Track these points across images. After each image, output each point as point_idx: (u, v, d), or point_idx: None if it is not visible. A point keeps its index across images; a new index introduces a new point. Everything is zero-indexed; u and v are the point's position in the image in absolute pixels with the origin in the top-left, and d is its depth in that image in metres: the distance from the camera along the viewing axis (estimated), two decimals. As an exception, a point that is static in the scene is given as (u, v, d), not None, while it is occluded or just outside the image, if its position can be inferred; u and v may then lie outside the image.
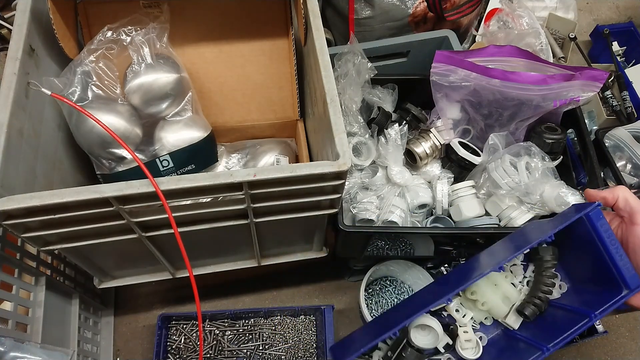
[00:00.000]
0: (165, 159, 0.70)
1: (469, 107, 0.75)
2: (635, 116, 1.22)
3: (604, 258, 0.53)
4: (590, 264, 0.56)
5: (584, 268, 0.58)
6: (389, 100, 0.78)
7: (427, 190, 0.76)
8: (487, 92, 0.71)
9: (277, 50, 0.78)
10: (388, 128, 0.74)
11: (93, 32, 0.69)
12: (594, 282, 0.57)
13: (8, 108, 0.52)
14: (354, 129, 0.75)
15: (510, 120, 0.74)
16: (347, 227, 0.67)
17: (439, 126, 0.79)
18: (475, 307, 0.60)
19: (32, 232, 0.53)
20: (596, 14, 1.60)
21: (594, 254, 0.54)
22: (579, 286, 0.59)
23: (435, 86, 0.74)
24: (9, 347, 0.62)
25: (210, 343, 0.93)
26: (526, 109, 0.71)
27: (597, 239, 0.53)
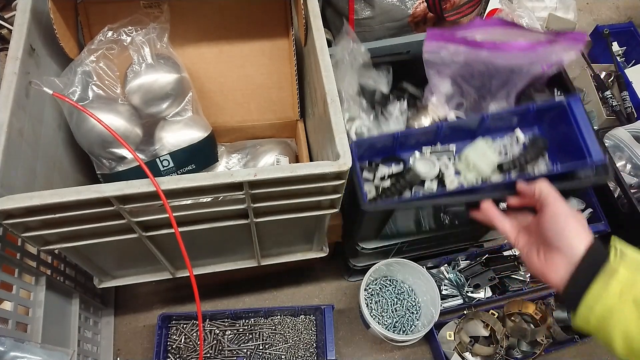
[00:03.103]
0: (165, 159, 0.70)
1: (461, 81, 0.77)
2: (635, 116, 1.23)
3: (577, 136, 0.67)
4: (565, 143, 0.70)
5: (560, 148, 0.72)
6: (384, 81, 0.79)
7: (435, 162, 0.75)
8: (477, 64, 0.74)
9: (277, 51, 0.78)
10: (387, 107, 0.76)
11: (93, 32, 0.69)
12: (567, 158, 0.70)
13: (8, 108, 0.52)
14: (354, 113, 0.76)
15: (501, 88, 0.76)
16: (370, 207, 0.65)
17: (433, 102, 0.79)
18: (467, 170, 0.72)
19: (32, 232, 0.53)
20: (596, 14, 1.60)
21: (570, 134, 0.68)
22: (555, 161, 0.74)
23: (428, 64, 0.75)
24: (9, 347, 0.62)
25: (210, 343, 0.93)
26: (516, 76, 0.74)
27: (574, 121, 0.68)
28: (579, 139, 0.67)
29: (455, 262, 1.03)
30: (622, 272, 0.45)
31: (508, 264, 1.02)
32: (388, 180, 0.71)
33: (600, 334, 0.48)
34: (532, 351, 0.96)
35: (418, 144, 0.74)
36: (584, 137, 0.66)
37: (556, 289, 0.52)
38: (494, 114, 0.71)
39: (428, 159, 0.72)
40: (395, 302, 0.99)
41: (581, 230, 0.51)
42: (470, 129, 0.74)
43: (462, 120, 0.73)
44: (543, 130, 0.75)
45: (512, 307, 0.97)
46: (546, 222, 0.53)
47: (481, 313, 0.96)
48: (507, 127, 0.75)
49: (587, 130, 0.66)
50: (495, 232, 0.99)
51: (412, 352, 1.01)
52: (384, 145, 0.73)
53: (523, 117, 0.73)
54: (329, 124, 0.57)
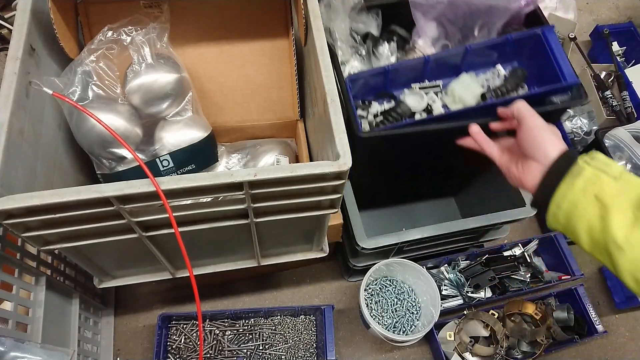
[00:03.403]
0: (165, 159, 0.70)
1: (446, 22, 0.81)
2: (635, 116, 1.22)
3: (552, 63, 0.73)
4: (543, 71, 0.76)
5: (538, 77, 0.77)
6: (374, 24, 0.82)
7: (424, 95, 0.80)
8: (460, 3, 0.78)
9: (277, 50, 0.78)
10: (378, 49, 0.80)
11: (93, 32, 0.69)
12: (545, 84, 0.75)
13: (8, 108, 0.52)
14: (346, 55, 0.79)
15: (482, 28, 0.82)
16: (366, 135, 0.68)
17: (420, 44, 0.83)
18: (453, 102, 0.77)
19: (33, 232, 0.53)
20: (596, 14, 1.60)
21: (546, 63, 0.74)
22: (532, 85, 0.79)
23: (414, 5, 0.78)
24: (9, 347, 0.62)
25: (210, 343, 0.93)
26: (496, 12, 0.78)
27: (549, 50, 0.73)
28: (554, 65, 0.73)
29: (455, 262, 1.03)
30: (587, 170, 0.49)
31: (508, 264, 1.02)
32: (381, 117, 0.76)
33: (568, 231, 0.52)
34: (532, 351, 0.96)
35: (407, 81, 0.79)
36: (558, 63, 0.73)
37: (531, 193, 0.56)
38: (477, 44, 0.76)
39: (417, 93, 0.77)
40: (395, 302, 0.99)
41: (555, 140, 0.55)
42: (455, 65, 0.79)
43: (447, 52, 0.78)
44: (522, 63, 0.80)
45: (512, 307, 0.97)
46: (523, 135, 0.57)
47: (481, 313, 0.96)
48: (489, 62, 0.81)
49: (562, 57, 0.73)
50: (495, 232, 0.99)
51: (412, 352, 1.01)
52: (376, 83, 0.77)
53: (503, 52, 0.79)
54: (329, 124, 0.57)
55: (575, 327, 0.98)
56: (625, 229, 0.46)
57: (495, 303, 1.02)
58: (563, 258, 1.03)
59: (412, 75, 0.79)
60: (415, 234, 0.84)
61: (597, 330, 0.96)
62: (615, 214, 0.46)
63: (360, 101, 0.78)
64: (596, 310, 0.99)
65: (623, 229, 0.46)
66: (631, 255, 0.45)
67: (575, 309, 1.00)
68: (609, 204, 0.47)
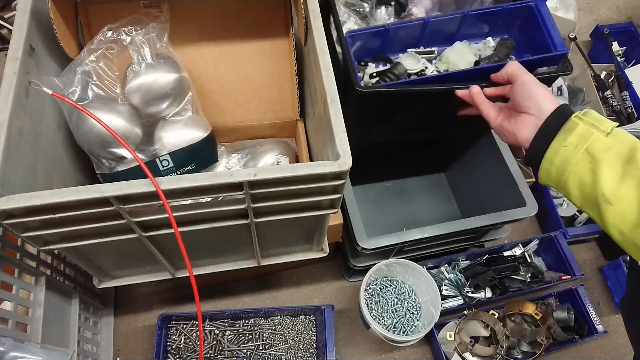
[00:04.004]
0: (165, 159, 0.70)
1: None
2: (635, 116, 1.22)
3: (544, 34, 0.75)
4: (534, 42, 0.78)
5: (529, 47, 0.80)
6: None
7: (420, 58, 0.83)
8: None
9: (277, 50, 0.78)
10: (375, 12, 0.83)
11: (93, 32, 0.69)
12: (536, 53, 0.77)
13: (8, 107, 0.52)
14: (344, 17, 0.82)
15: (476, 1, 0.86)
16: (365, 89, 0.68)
17: (415, 12, 0.86)
18: (447, 68, 0.80)
19: (32, 232, 0.53)
20: (596, 14, 1.60)
21: (537, 34, 0.76)
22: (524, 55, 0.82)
23: None
24: (9, 347, 0.62)
25: (210, 343, 0.93)
26: None
27: (540, 20, 0.76)
28: (545, 36, 0.75)
29: (456, 262, 1.03)
30: (580, 126, 0.50)
31: (508, 265, 1.02)
32: (377, 77, 0.78)
33: (559, 186, 0.53)
34: (532, 351, 0.96)
35: (404, 46, 0.82)
36: (550, 34, 0.75)
37: (524, 147, 0.56)
38: (474, 10, 0.78)
39: (414, 56, 0.80)
40: (396, 302, 0.99)
41: (548, 95, 0.55)
42: (451, 34, 0.82)
43: (446, 15, 0.80)
44: (513, 35, 0.83)
45: (512, 307, 0.97)
46: (517, 90, 0.58)
47: (481, 313, 0.96)
48: (481, 34, 0.84)
49: (553, 27, 0.75)
50: (495, 232, 0.99)
51: (412, 353, 1.01)
52: (373, 45, 0.80)
53: (495, 24, 0.82)
54: (329, 124, 0.57)
55: (575, 327, 0.98)
56: (614, 183, 0.47)
57: (496, 303, 1.02)
58: (563, 258, 1.03)
59: (408, 40, 0.81)
60: (415, 234, 0.84)
61: (597, 330, 0.96)
62: (605, 168, 0.47)
63: (356, 62, 0.79)
64: (596, 310, 0.99)
65: (612, 183, 0.47)
66: (618, 208, 0.46)
67: (576, 309, 1.00)
68: (600, 158, 0.48)
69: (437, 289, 0.92)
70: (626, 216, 0.46)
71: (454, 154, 1.13)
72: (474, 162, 1.05)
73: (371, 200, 1.16)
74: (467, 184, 1.11)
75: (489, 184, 0.99)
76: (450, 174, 1.19)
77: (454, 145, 1.11)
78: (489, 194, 0.99)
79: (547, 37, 0.75)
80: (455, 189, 1.17)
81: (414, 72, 0.78)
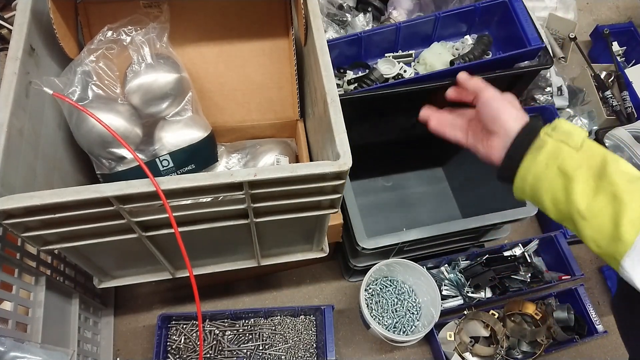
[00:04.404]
0: (165, 159, 0.70)
1: None
2: (635, 116, 1.22)
3: (518, 30, 0.77)
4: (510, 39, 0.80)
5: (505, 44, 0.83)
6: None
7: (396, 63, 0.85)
8: None
9: (277, 50, 0.78)
10: (353, 19, 0.85)
11: (93, 32, 0.69)
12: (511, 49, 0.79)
13: (8, 107, 0.52)
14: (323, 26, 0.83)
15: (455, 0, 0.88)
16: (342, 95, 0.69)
17: (395, 16, 0.87)
18: (424, 70, 0.82)
19: (32, 232, 0.53)
20: (596, 14, 1.60)
21: (513, 30, 0.78)
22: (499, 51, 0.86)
23: None
24: (9, 347, 0.62)
25: (210, 343, 0.93)
26: None
27: (515, 17, 0.77)
28: (520, 32, 0.77)
29: (456, 262, 1.03)
30: (549, 144, 0.50)
31: (508, 264, 1.02)
32: (355, 84, 0.80)
33: (535, 201, 0.53)
34: (532, 351, 0.96)
35: (381, 51, 0.84)
36: (524, 30, 0.77)
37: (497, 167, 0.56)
38: (446, 11, 0.80)
39: (389, 61, 0.82)
40: (396, 302, 0.99)
41: (514, 112, 0.54)
42: (427, 35, 0.84)
43: (418, 19, 0.81)
44: (492, 32, 0.85)
45: (512, 307, 0.97)
46: (482, 108, 0.56)
47: (481, 313, 0.96)
48: (460, 33, 0.86)
49: (527, 23, 0.77)
50: (495, 232, 0.99)
51: (412, 353, 1.01)
52: (351, 53, 0.82)
53: (472, 22, 0.84)
54: (329, 124, 0.57)
55: (575, 327, 0.98)
56: (587, 199, 0.47)
57: (496, 303, 1.02)
58: (563, 258, 1.03)
59: (386, 45, 0.83)
60: (415, 234, 0.84)
61: (597, 330, 0.96)
62: (578, 185, 0.47)
63: (336, 69, 0.81)
64: (596, 310, 0.99)
65: (585, 199, 0.47)
66: (594, 223, 0.47)
67: (576, 309, 1.00)
68: (572, 175, 0.48)
69: (437, 289, 0.92)
70: (602, 231, 0.46)
71: (451, 151, 1.13)
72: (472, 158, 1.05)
73: (371, 200, 1.16)
74: (467, 184, 1.11)
75: (489, 183, 0.99)
76: (449, 172, 1.19)
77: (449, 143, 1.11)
78: (489, 194, 0.99)
79: (522, 33, 0.76)
80: (455, 188, 1.17)
81: (390, 76, 0.79)
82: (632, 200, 0.44)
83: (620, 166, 0.47)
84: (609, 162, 0.47)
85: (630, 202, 0.44)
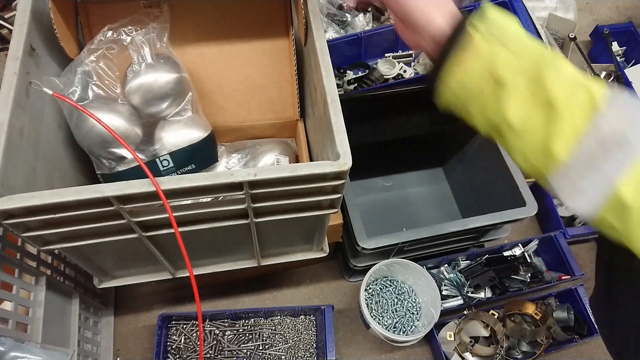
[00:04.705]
0: (165, 159, 0.70)
1: None
2: (635, 116, 1.22)
3: None
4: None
5: None
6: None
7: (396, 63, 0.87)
8: None
9: (277, 50, 0.78)
10: (353, 19, 0.86)
11: (93, 32, 0.69)
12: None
13: (9, 107, 0.52)
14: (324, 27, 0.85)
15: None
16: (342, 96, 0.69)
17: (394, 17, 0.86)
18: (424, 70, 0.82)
19: (33, 232, 0.53)
20: (596, 14, 1.60)
21: None
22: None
23: None
24: (9, 347, 0.62)
25: (210, 343, 0.93)
26: None
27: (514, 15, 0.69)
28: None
29: (456, 262, 1.03)
30: (477, 41, 0.42)
31: (508, 264, 1.02)
32: (355, 84, 0.81)
33: (461, 113, 0.46)
34: (532, 351, 0.95)
35: (381, 51, 0.84)
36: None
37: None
38: None
39: (389, 61, 0.84)
40: (396, 302, 0.99)
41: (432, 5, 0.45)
42: None
43: None
44: None
45: (512, 307, 0.97)
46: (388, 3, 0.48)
47: (481, 313, 0.96)
48: None
49: (527, 23, 0.79)
50: (495, 232, 0.99)
51: (412, 353, 1.01)
52: (351, 53, 0.82)
53: None
54: (329, 124, 0.57)
55: (575, 327, 0.98)
56: (518, 108, 0.41)
57: (496, 303, 1.02)
58: (563, 258, 1.03)
59: (386, 45, 0.84)
60: (415, 234, 0.84)
61: (597, 330, 0.96)
62: (510, 92, 0.41)
63: (336, 70, 0.80)
64: (596, 310, 0.99)
65: (516, 108, 0.41)
66: (523, 135, 0.41)
67: (576, 309, 1.00)
68: (503, 81, 0.41)
69: (437, 289, 0.92)
70: (531, 144, 0.41)
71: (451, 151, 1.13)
72: (472, 157, 1.06)
73: (371, 200, 1.16)
74: (467, 183, 1.11)
75: (489, 183, 0.99)
76: (449, 172, 1.19)
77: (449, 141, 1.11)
78: (489, 194, 0.99)
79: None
80: (455, 188, 1.17)
81: (390, 76, 0.79)
82: (568, 112, 0.39)
83: (560, 69, 0.40)
84: (548, 65, 0.40)
85: (566, 114, 0.39)
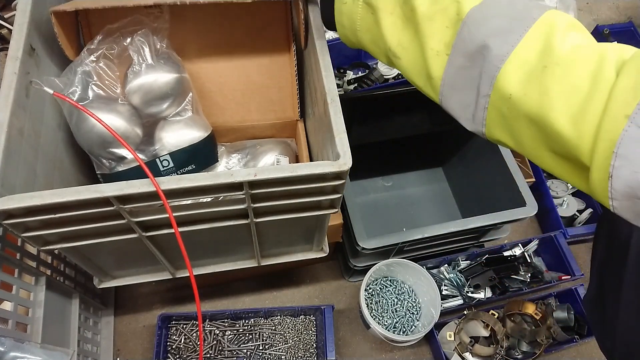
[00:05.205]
0: (165, 159, 0.70)
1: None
2: (635, 116, 1.22)
3: None
4: None
5: None
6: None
7: None
8: None
9: (278, 50, 0.78)
10: None
11: (93, 32, 0.69)
12: None
13: (8, 107, 0.52)
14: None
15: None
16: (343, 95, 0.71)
17: None
18: None
19: (32, 232, 0.53)
20: (596, 14, 1.60)
21: None
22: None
23: None
24: (9, 347, 0.62)
25: (210, 343, 0.93)
26: None
27: None
28: None
29: (456, 262, 1.03)
30: None
31: (508, 264, 1.02)
32: (355, 84, 0.81)
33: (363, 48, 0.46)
34: (532, 351, 0.96)
35: None
36: None
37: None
38: None
39: None
40: (396, 302, 0.99)
41: None
42: None
43: None
44: None
45: (512, 307, 0.97)
46: None
47: (481, 313, 0.96)
48: None
49: None
50: (495, 232, 0.99)
51: (412, 353, 1.01)
52: (352, 53, 0.82)
53: None
54: (329, 124, 0.57)
55: (575, 327, 0.98)
56: (396, 32, 0.40)
57: (495, 303, 1.02)
58: (563, 258, 1.03)
59: None
60: (415, 234, 0.84)
61: (597, 330, 0.96)
62: (385, 17, 0.40)
63: (336, 70, 0.80)
64: (596, 311, 0.99)
65: (394, 33, 0.40)
66: (406, 60, 0.40)
67: (575, 309, 1.00)
68: (376, 6, 0.41)
69: (437, 289, 0.92)
70: (415, 67, 0.40)
71: (451, 151, 1.13)
72: (472, 157, 1.06)
73: (371, 200, 1.16)
74: (467, 183, 1.11)
75: (489, 183, 0.99)
76: (449, 172, 1.19)
77: (449, 141, 1.11)
78: (489, 194, 0.99)
79: None
80: (455, 188, 1.17)
81: (390, 76, 0.79)
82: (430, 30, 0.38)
83: None
84: None
85: (429, 32, 0.38)
